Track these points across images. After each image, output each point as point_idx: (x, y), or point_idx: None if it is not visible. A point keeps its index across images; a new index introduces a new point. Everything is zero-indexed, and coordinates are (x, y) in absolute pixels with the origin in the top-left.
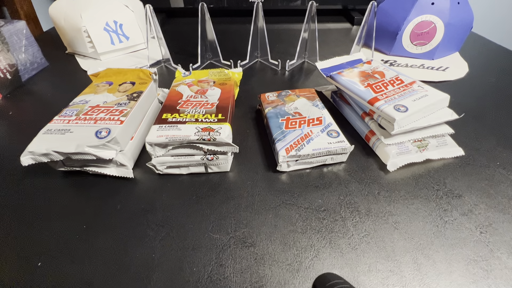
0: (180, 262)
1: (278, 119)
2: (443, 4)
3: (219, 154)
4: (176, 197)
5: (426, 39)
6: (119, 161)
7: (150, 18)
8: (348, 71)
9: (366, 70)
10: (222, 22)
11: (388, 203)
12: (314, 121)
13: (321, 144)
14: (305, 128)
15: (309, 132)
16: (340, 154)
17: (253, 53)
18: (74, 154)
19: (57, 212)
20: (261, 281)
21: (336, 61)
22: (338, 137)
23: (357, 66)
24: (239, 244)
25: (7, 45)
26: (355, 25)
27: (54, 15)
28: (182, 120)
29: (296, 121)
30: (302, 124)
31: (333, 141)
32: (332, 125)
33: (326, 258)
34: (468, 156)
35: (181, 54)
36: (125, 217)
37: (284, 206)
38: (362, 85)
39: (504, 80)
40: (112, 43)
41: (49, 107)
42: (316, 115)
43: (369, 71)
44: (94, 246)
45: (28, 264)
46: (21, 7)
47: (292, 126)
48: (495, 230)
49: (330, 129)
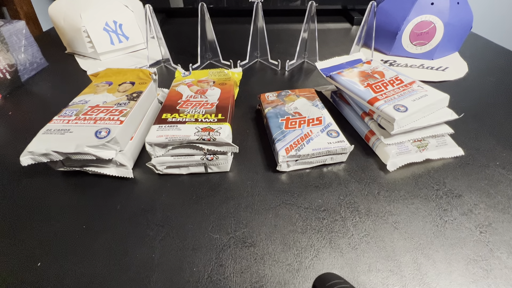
0: (180, 262)
1: (278, 119)
2: (442, 4)
3: (219, 154)
4: (176, 197)
5: (426, 39)
6: (118, 161)
7: (150, 18)
8: (348, 71)
9: (365, 70)
10: (221, 22)
11: (388, 203)
12: (314, 121)
13: (321, 144)
14: (305, 128)
15: (309, 132)
16: (340, 154)
17: (252, 53)
18: (74, 154)
19: (57, 212)
20: (261, 281)
21: (335, 61)
22: (338, 137)
23: (356, 66)
24: (239, 244)
25: (6, 45)
26: (354, 25)
27: (54, 15)
28: (182, 120)
29: (296, 121)
30: (302, 124)
31: (333, 141)
32: (332, 125)
33: (326, 258)
34: (467, 156)
35: (180, 54)
36: (125, 217)
37: (284, 206)
38: (361, 85)
39: (504, 80)
40: (111, 43)
41: (48, 107)
42: (316, 115)
43: (368, 71)
44: (94, 246)
45: (28, 264)
46: (21, 7)
47: (292, 126)
48: (494, 229)
49: (330, 129)
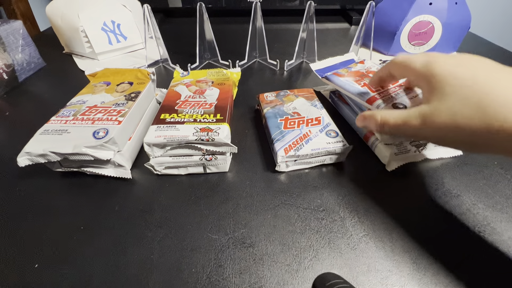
0: (178, 263)
1: (277, 119)
2: (440, 4)
3: (217, 155)
4: (174, 197)
5: (424, 39)
6: (117, 162)
7: (148, 18)
8: (343, 71)
9: (360, 69)
10: (220, 22)
11: (387, 202)
12: (313, 121)
13: (320, 144)
14: (304, 128)
15: (307, 132)
16: (338, 154)
17: (251, 53)
18: (71, 155)
19: (54, 213)
20: (260, 281)
21: (329, 61)
22: (337, 137)
23: (350, 66)
24: (238, 245)
25: (3, 45)
26: (353, 25)
27: (51, 15)
28: (181, 121)
29: (294, 121)
30: (301, 124)
31: (332, 141)
32: (330, 125)
33: (325, 258)
34: (466, 156)
35: (179, 54)
36: (123, 218)
37: (283, 206)
38: (358, 84)
39: None
40: (109, 43)
41: (46, 107)
42: (315, 115)
43: (363, 71)
44: (92, 247)
45: (25, 266)
46: (18, 6)
47: (290, 126)
48: (493, 229)
49: (328, 129)
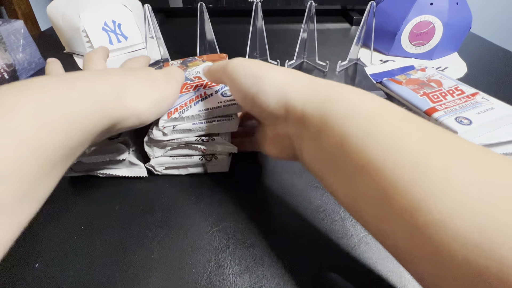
0: (179, 263)
1: None
2: (442, 4)
3: (217, 155)
4: (175, 197)
5: (425, 39)
6: (131, 161)
7: (149, 17)
8: (401, 77)
9: (420, 77)
10: (221, 22)
11: None
12: (212, 83)
13: (211, 104)
14: (200, 90)
15: (202, 94)
16: (231, 119)
17: (252, 53)
18: (87, 156)
19: (55, 213)
20: (260, 281)
21: (387, 66)
22: (231, 96)
23: (409, 72)
24: (238, 245)
25: (4, 44)
26: (354, 25)
27: (52, 15)
28: None
29: (192, 85)
30: (198, 87)
31: (225, 99)
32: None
33: (326, 258)
34: None
35: (180, 54)
36: (124, 218)
37: (283, 207)
38: (417, 93)
39: (503, 80)
40: (110, 43)
41: None
42: None
43: (424, 79)
44: (92, 247)
45: (25, 266)
46: (19, 6)
47: (186, 90)
48: None
49: (226, 89)
